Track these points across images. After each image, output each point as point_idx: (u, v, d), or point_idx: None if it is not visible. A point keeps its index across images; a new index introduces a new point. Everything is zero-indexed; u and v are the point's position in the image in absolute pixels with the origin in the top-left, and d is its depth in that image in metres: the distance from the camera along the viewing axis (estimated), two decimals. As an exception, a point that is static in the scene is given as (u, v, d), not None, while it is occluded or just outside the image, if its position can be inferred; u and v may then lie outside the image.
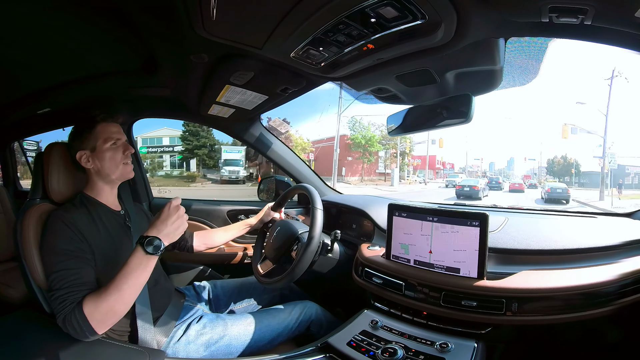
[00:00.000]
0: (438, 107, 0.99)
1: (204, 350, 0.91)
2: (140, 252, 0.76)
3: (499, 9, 0.64)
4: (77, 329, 0.73)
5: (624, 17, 0.57)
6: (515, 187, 21.98)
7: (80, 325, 0.72)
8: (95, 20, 0.81)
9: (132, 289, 0.76)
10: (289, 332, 1.04)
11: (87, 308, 0.73)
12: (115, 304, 0.74)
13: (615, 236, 0.86)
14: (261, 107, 1.36)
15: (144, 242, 0.76)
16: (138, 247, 0.77)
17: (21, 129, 2.02)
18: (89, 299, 0.75)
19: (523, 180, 27.37)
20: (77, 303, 0.74)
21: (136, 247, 0.77)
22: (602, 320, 0.74)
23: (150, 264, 0.77)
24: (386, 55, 0.85)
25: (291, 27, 0.74)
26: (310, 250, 1.01)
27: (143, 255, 0.76)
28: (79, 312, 0.73)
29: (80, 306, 0.74)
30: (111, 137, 0.93)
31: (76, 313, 0.73)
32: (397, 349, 0.76)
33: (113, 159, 0.92)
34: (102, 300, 0.74)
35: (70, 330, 0.73)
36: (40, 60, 1.03)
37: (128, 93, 1.36)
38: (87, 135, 0.92)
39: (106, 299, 0.74)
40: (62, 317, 0.74)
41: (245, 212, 1.69)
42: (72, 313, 0.73)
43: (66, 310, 0.74)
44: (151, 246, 0.76)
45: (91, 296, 0.75)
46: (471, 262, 0.83)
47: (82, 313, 0.73)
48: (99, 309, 0.73)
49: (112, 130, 0.94)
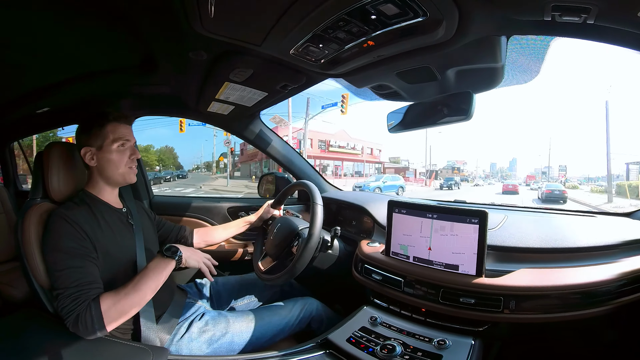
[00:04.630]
0: (439, 104, 0.98)
1: (207, 347, 0.92)
2: (159, 256, 0.86)
3: (501, 6, 0.63)
4: (89, 327, 0.73)
5: (626, 16, 0.56)
6: (508, 189, 21.47)
7: (93, 323, 0.73)
8: (94, 18, 0.80)
9: (149, 290, 0.81)
10: (290, 329, 1.05)
11: (104, 305, 0.75)
12: (132, 304, 0.78)
13: (614, 236, 0.86)
14: (261, 104, 1.36)
15: (164, 248, 0.87)
16: (158, 253, 0.87)
17: (20, 129, 2.00)
18: (106, 297, 0.76)
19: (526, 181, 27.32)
20: (92, 300, 0.75)
21: (157, 254, 0.87)
22: (599, 319, 0.75)
23: (168, 267, 0.85)
24: (387, 52, 0.84)
25: (290, 24, 0.73)
26: (311, 246, 1.01)
27: (161, 258, 0.85)
28: (95, 309, 0.74)
29: (97, 304, 0.75)
30: (120, 138, 0.91)
31: (92, 310, 0.74)
32: (395, 345, 0.77)
33: (118, 161, 0.91)
34: (120, 299, 0.76)
35: (80, 327, 0.74)
36: (38, 59, 1.02)
37: (127, 91, 1.35)
38: (96, 132, 0.90)
39: (125, 299, 0.77)
40: (74, 315, 0.74)
41: (245, 209, 1.70)
42: (87, 310, 0.74)
43: (80, 307, 0.74)
44: (169, 251, 0.86)
45: (108, 295, 0.77)
46: (470, 259, 0.83)
47: (99, 310, 0.74)
48: (116, 307, 0.76)
49: (122, 131, 0.92)
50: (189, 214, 1.65)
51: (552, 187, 16.21)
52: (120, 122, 0.93)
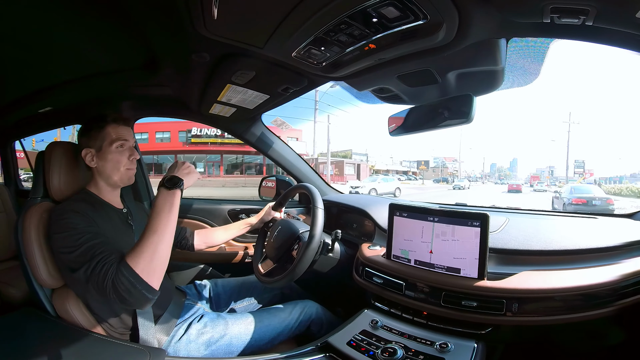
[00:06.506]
0: (439, 107, 0.99)
1: (205, 349, 0.91)
2: (163, 191, 0.79)
3: (500, 9, 0.64)
4: (130, 288, 0.69)
5: (625, 17, 0.57)
6: (513, 188, 23.46)
7: (131, 282, 0.69)
8: (97, 19, 0.81)
9: (166, 228, 0.75)
10: (289, 332, 1.04)
11: (130, 260, 0.71)
12: (156, 248, 0.72)
13: (616, 237, 0.86)
14: (262, 107, 1.37)
15: (164, 181, 0.80)
16: (160, 187, 0.80)
17: (22, 128, 2.01)
18: (128, 254, 0.72)
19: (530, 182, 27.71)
20: (119, 262, 0.72)
21: (158, 190, 0.80)
22: (602, 321, 0.74)
23: (175, 199, 0.78)
24: (388, 55, 0.85)
25: (293, 27, 0.74)
26: (311, 249, 1.01)
27: (166, 192, 0.79)
28: (125, 268, 0.70)
29: (124, 262, 0.71)
30: (119, 139, 0.92)
31: (122, 270, 0.70)
32: (397, 348, 0.76)
33: (117, 163, 0.92)
34: (142, 248, 0.72)
35: (123, 293, 0.70)
36: (40, 59, 1.03)
37: (129, 92, 1.36)
38: (95, 134, 0.91)
39: (146, 245, 0.72)
40: (110, 282, 0.70)
41: (246, 211, 1.69)
42: (118, 272, 0.70)
43: (111, 272, 0.71)
44: (171, 182, 0.80)
45: (129, 251, 0.73)
46: (472, 262, 0.83)
47: (128, 267, 0.70)
48: (142, 257, 0.71)
49: (120, 132, 0.93)
50: (189, 215, 1.65)
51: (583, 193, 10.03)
52: (119, 124, 0.93)
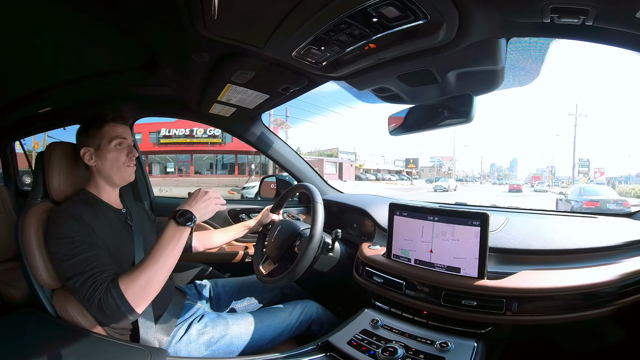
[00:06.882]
0: (439, 106, 0.99)
1: (205, 349, 0.91)
2: (172, 225, 0.78)
3: (500, 9, 0.64)
4: (115, 309, 0.70)
5: (624, 17, 0.57)
6: (513, 188, 24.66)
7: (117, 304, 0.70)
8: (97, 19, 0.81)
9: (167, 262, 0.76)
10: (289, 331, 1.04)
11: (123, 284, 0.72)
12: (152, 278, 0.73)
13: (615, 236, 0.86)
14: (262, 106, 1.37)
15: (176, 215, 0.79)
16: (171, 220, 0.79)
17: (22, 129, 2.01)
18: (122, 276, 0.73)
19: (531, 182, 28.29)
20: (111, 281, 0.72)
21: (169, 221, 0.79)
22: (602, 320, 0.74)
23: (183, 236, 0.78)
24: (388, 55, 0.85)
25: (293, 27, 0.74)
26: (313, 244, 1.00)
27: (176, 227, 0.78)
28: (114, 289, 0.71)
29: (116, 283, 0.72)
30: (117, 137, 0.92)
31: (112, 291, 0.71)
32: (397, 348, 0.76)
33: (116, 160, 0.92)
34: (138, 275, 0.73)
35: (107, 312, 0.71)
36: (40, 59, 1.03)
37: (129, 92, 1.36)
38: (94, 133, 0.92)
39: (143, 273, 0.73)
40: (96, 300, 0.71)
41: (246, 212, 1.69)
42: (107, 292, 0.71)
43: (100, 291, 0.71)
44: (183, 217, 0.79)
45: (125, 274, 0.74)
46: (472, 261, 0.83)
47: (119, 289, 0.71)
48: (136, 283, 0.72)
49: (119, 130, 0.93)
50: None
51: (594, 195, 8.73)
52: (118, 123, 0.94)
